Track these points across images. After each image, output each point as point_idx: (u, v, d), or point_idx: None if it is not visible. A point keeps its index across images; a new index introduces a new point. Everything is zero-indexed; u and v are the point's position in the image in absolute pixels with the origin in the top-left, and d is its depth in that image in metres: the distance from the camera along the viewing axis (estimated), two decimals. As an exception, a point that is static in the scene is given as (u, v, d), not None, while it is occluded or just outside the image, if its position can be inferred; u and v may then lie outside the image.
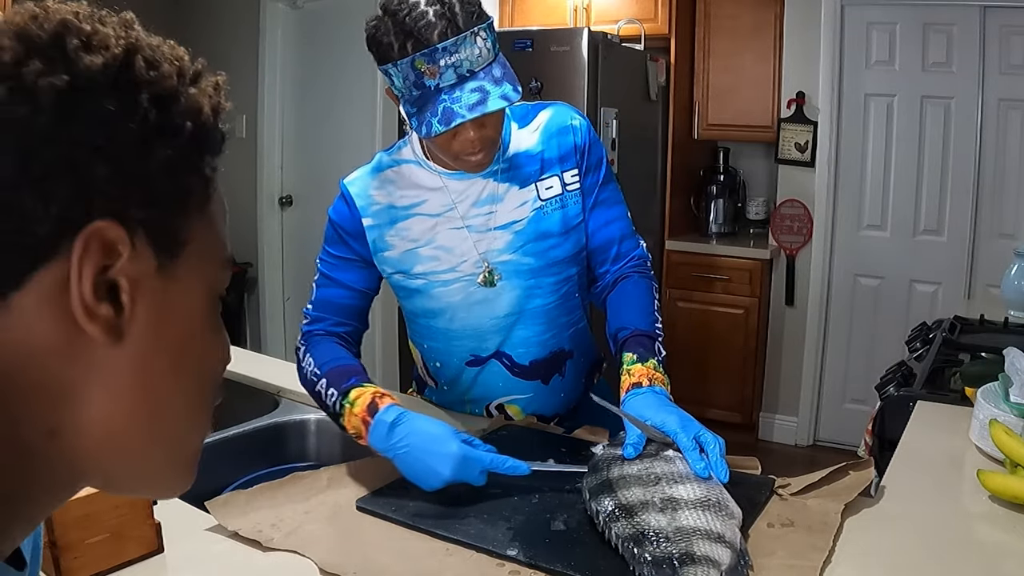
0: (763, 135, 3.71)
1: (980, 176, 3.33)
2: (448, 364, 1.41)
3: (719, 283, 3.67)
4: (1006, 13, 3.16)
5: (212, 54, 0.50)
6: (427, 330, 1.40)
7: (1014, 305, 2.16)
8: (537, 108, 1.35)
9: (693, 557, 0.88)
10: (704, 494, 0.98)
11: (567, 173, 1.32)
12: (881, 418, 1.60)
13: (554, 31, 3.26)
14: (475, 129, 1.16)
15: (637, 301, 1.31)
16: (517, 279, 1.32)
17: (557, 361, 1.39)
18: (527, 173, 1.31)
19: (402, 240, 1.31)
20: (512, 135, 1.32)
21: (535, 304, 1.34)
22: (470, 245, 1.30)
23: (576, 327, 1.41)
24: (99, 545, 0.91)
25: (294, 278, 4.61)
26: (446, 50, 1.07)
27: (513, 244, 1.31)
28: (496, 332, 1.35)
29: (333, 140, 4.27)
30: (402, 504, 1.08)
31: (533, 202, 1.31)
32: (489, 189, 1.30)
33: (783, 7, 3.55)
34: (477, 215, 1.30)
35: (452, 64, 1.08)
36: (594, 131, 1.37)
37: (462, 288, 1.32)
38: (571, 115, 1.35)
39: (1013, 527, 1.04)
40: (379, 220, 1.31)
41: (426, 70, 1.09)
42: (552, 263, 1.32)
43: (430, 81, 1.09)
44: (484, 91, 1.10)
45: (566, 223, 1.32)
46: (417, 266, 1.32)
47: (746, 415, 3.76)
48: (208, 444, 1.37)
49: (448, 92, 1.10)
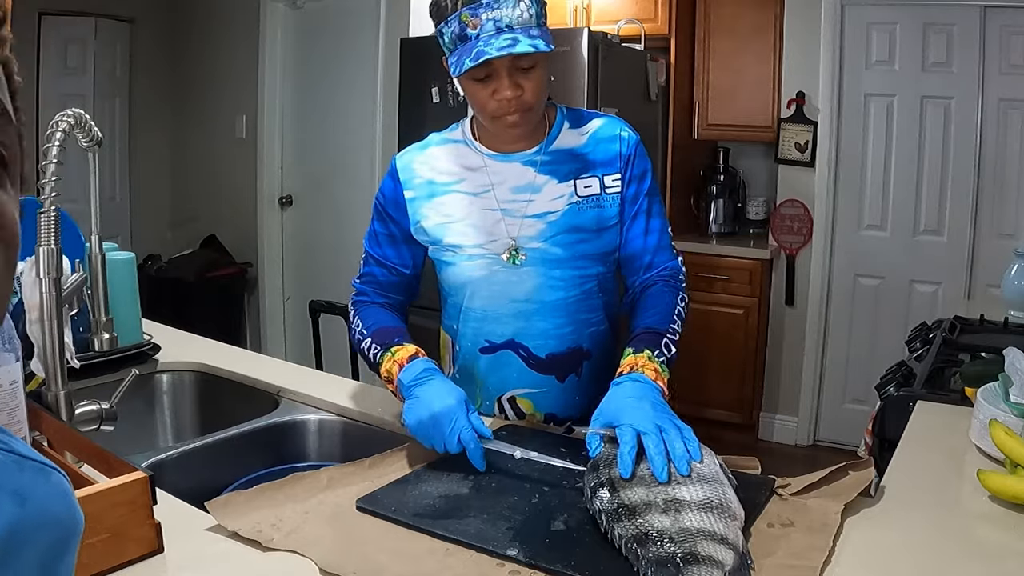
0: (763, 135, 3.71)
1: (980, 176, 3.33)
2: (464, 349, 1.44)
3: (719, 283, 3.68)
4: (1006, 13, 3.16)
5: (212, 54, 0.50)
6: (453, 309, 1.45)
7: (1014, 305, 2.16)
8: (591, 116, 1.41)
9: (697, 557, 0.88)
10: (707, 495, 0.98)
11: (608, 177, 1.36)
12: (881, 418, 1.60)
13: (554, 31, 3.24)
14: (512, 88, 1.23)
15: (654, 305, 1.34)
16: (542, 267, 1.36)
17: (574, 359, 1.41)
18: (568, 169, 1.36)
19: (437, 214, 1.38)
20: (562, 132, 1.38)
21: (556, 296, 1.37)
22: (503, 227, 1.35)
23: (597, 328, 1.42)
24: (99, 545, 0.91)
25: (294, 278, 4.61)
26: (488, 5, 1.18)
27: (544, 233, 1.35)
28: (513, 317, 1.38)
29: (333, 140, 4.27)
30: (402, 504, 1.08)
31: (570, 196, 1.35)
32: (529, 177, 1.35)
33: (783, 7, 3.55)
34: (514, 200, 1.35)
35: (493, 18, 1.18)
36: (643, 146, 1.41)
37: (486, 265, 1.37)
38: (621, 127, 1.40)
39: (1013, 527, 1.04)
40: (419, 193, 1.39)
41: (470, 23, 1.19)
42: (578, 256, 1.36)
43: (471, 32, 1.19)
44: (516, 40, 1.18)
45: (600, 222, 1.36)
46: (448, 238, 1.38)
47: (746, 415, 3.76)
48: (208, 444, 1.38)
49: (484, 39, 1.19)
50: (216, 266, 4.52)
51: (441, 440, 1.18)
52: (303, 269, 4.56)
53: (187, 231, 4.78)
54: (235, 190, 4.60)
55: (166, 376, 1.76)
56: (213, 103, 4.65)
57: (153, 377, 1.75)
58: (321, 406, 1.53)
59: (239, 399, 1.66)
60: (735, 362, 3.71)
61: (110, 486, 0.93)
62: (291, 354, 4.41)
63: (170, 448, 1.36)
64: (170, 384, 1.77)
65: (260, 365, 1.78)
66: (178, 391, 1.77)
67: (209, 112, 4.70)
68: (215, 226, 4.70)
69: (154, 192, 4.88)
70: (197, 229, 4.74)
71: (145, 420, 1.73)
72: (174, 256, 4.58)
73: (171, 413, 1.77)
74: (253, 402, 1.60)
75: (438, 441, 1.18)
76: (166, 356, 1.77)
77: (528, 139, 1.36)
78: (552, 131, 1.37)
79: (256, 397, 1.62)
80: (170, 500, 1.09)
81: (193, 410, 1.78)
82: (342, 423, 1.51)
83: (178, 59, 4.76)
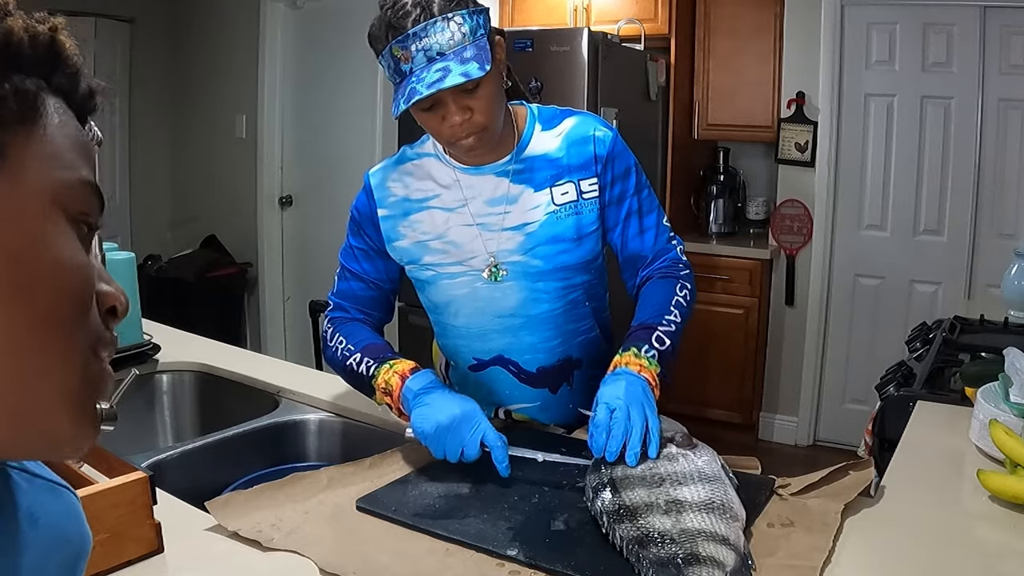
0: (763, 135, 3.71)
1: (980, 176, 3.33)
2: (457, 365, 1.43)
3: (719, 283, 3.67)
4: (1006, 13, 3.16)
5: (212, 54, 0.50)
6: (438, 326, 1.43)
7: (1014, 305, 2.16)
8: (564, 114, 1.35)
9: (698, 558, 0.88)
10: (708, 496, 0.98)
11: (584, 182, 1.31)
12: (881, 418, 1.60)
13: (554, 31, 3.26)
14: (459, 113, 1.17)
15: (649, 300, 1.32)
16: (524, 280, 1.32)
17: (565, 369, 1.39)
18: (543, 177, 1.31)
19: (414, 232, 1.33)
20: (534, 136, 1.32)
21: (541, 309, 1.33)
22: (480, 243, 1.31)
23: (586, 336, 1.40)
24: (99, 545, 0.91)
25: (294, 278, 4.61)
26: (416, 35, 1.11)
27: (524, 245, 1.30)
28: (499, 333, 1.35)
29: (333, 140, 4.27)
30: (402, 504, 1.08)
31: (547, 206, 1.30)
32: (503, 188, 1.30)
33: (783, 7, 3.55)
34: (490, 214, 1.30)
35: (422, 48, 1.12)
36: (622, 141, 1.35)
37: (468, 282, 1.33)
38: (595, 126, 1.33)
39: (1013, 527, 1.04)
40: (393, 211, 1.34)
41: (401, 56, 1.13)
42: (560, 268, 1.32)
43: (404, 66, 1.14)
44: (447, 69, 1.12)
45: (579, 230, 1.31)
46: (426, 257, 1.33)
47: (746, 415, 3.76)
48: (208, 444, 1.38)
49: (416, 74, 1.13)
50: (216, 266, 4.51)
51: (459, 445, 1.13)
52: (303, 269, 4.56)
53: (187, 231, 4.78)
54: (235, 190, 4.60)
55: (166, 376, 1.77)
56: (213, 103, 4.65)
57: (153, 377, 1.75)
58: (321, 406, 1.53)
59: (239, 399, 1.66)
60: (735, 362, 3.71)
61: (110, 486, 0.93)
62: (291, 354, 4.40)
63: (170, 448, 1.36)
64: (170, 384, 1.77)
65: (260, 365, 1.78)
66: (178, 391, 1.78)
67: (209, 112, 4.70)
68: (215, 226, 4.70)
69: (154, 192, 4.88)
70: (197, 229, 4.74)
71: (145, 420, 1.73)
72: (174, 256, 4.57)
73: (171, 413, 1.77)
74: (253, 402, 1.60)
75: (455, 446, 1.14)
76: (166, 356, 1.77)
77: (497, 150, 1.29)
78: (523, 137, 1.31)
79: (256, 397, 1.62)
80: (170, 500, 1.09)
81: (193, 410, 1.78)
82: (342, 423, 1.51)
83: (178, 59, 4.76)
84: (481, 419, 1.15)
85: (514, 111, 1.32)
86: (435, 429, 1.14)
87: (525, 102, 1.37)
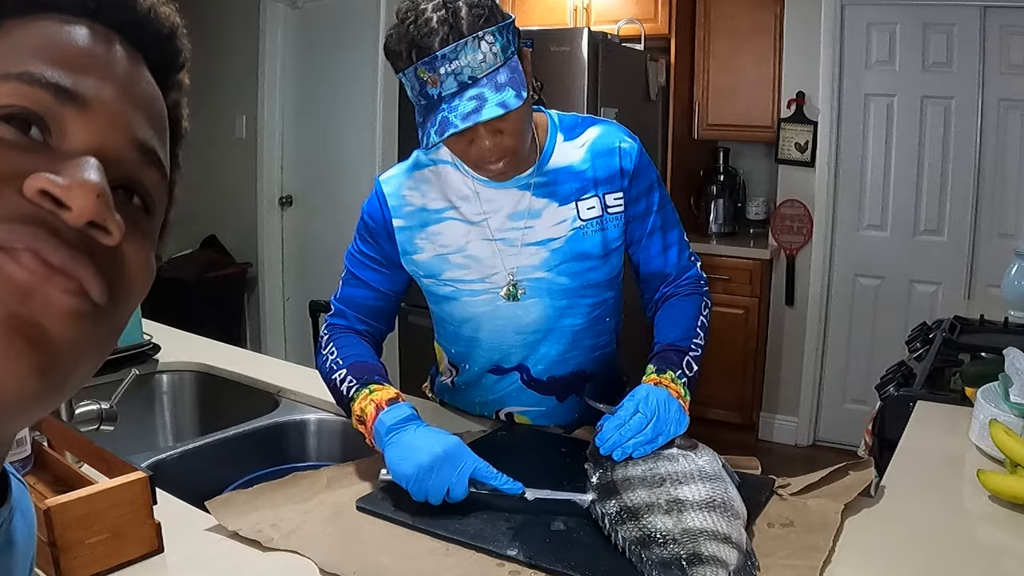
0: (763, 135, 3.71)
1: (980, 176, 3.33)
2: (471, 370, 1.39)
3: (719, 283, 3.67)
4: (1006, 13, 3.16)
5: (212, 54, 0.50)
6: (455, 336, 1.37)
7: (1014, 305, 2.16)
8: (587, 123, 1.29)
9: (701, 558, 0.88)
10: (709, 495, 0.98)
11: (609, 195, 1.26)
12: (881, 418, 1.60)
13: (554, 31, 3.26)
14: (490, 137, 1.11)
15: (676, 317, 1.28)
16: (549, 298, 1.28)
17: (576, 382, 1.36)
18: (568, 190, 1.25)
19: (433, 244, 1.27)
20: (556, 147, 1.26)
21: (565, 323, 1.30)
22: (500, 259, 1.26)
23: (603, 351, 1.38)
24: (99, 545, 0.91)
25: (294, 278, 4.61)
26: (445, 57, 1.03)
27: (549, 262, 1.26)
28: (522, 347, 1.33)
29: (333, 140, 4.27)
30: (402, 504, 1.08)
31: (572, 221, 1.25)
32: (526, 202, 1.25)
33: (783, 7, 3.55)
34: (512, 228, 1.25)
35: (452, 72, 1.03)
36: (646, 154, 1.30)
37: (490, 300, 1.28)
38: (620, 137, 1.28)
39: (1013, 527, 1.04)
40: (410, 222, 1.27)
41: (428, 79, 1.05)
42: (588, 285, 1.28)
43: (432, 90, 1.05)
44: (482, 99, 1.04)
45: (606, 246, 1.27)
46: (447, 272, 1.28)
47: (746, 415, 3.76)
48: (208, 444, 1.38)
49: (448, 101, 1.05)
50: (216, 266, 4.51)
51: (443, 486, 1.05)
52: (303, 269, 4.56)
53: (187, 231, 4.78)
54: (235, 190, 4.59)
55: (166, 376, 1.77)
56: (213, 103, 4.65)
57: (153, 377, 1.75)
58: (321, 406, 1.53)
59: (239, 399, 1.66)
60: (735, 362, 3.71)
61: (110, 486, 0.93)
62: (291, 354, 4.40)
63: (170, 448, 1.36)
64: (170, 384, 1.77)
65: (260, 365, 1.78)
66: (178, 391, 1.78)
67: (209, 112, 4.69)
68: (215, 226, 4.70)
69: (154, 192, 4.88)
70: (197, 229, 4.74)
71: (145, 420, 1.73)
72: (174, 256, 4.57)
73: (171, 413, 1.78)
74: (253, 402, 1.60)
75: (438, 488, 1.05)
76: (166, 356, 1.77)
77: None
78: (545, 148, 1.25)
79: (256, 397, 1.62)
80: (170, 500, 1.09)
81: (193, 410, 1.78)
82: (342, 423, 1.50)
83: (178, 59, 4.75)
84: (466, 456, 1.07)
85: (534, 120, 1.25)
86: (416, 471, 1.06)
87: (543, 107, 1.32)
